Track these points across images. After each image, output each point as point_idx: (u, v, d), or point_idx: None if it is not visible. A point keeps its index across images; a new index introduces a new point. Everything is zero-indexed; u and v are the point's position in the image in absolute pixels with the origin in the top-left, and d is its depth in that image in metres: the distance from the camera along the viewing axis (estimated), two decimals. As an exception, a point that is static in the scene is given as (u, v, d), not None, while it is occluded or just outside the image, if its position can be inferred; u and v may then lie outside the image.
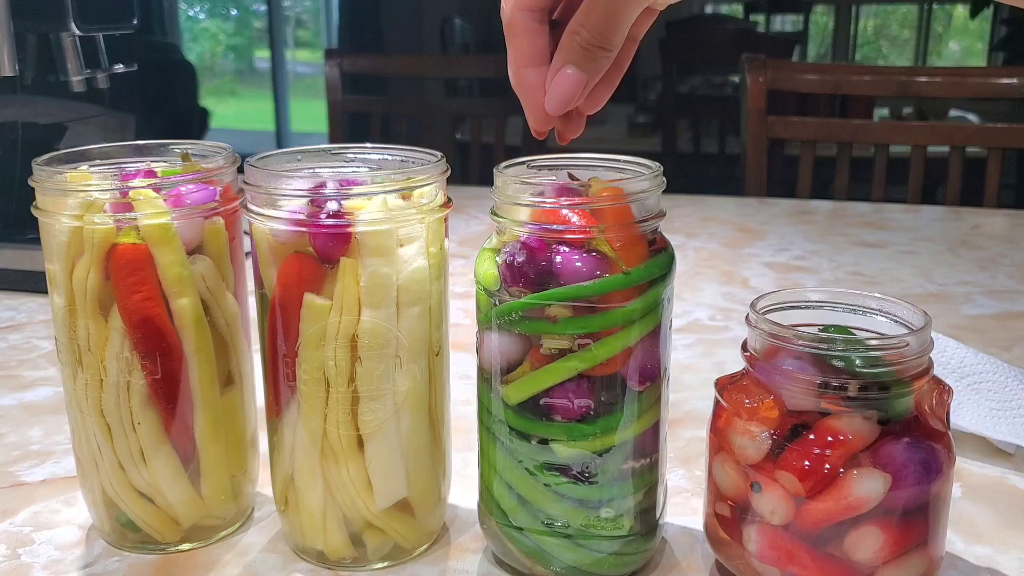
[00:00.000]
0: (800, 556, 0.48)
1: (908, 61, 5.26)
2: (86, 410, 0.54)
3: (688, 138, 3.27)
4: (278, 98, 5.29)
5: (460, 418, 0.67)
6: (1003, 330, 0.92)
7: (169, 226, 0.52)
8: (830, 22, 4.97)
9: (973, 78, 1.61)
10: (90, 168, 0.56)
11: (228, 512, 0.58)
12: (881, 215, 1.39)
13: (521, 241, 0.49)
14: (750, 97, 1.60)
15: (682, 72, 3.61)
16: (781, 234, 1.29)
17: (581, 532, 0.52)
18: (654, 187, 0.50)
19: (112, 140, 0.59)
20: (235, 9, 5.66)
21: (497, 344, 0.50)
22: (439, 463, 0.56)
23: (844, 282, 1.08)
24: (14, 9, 0.97)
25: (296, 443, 0.53)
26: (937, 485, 0.47)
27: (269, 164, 0.53)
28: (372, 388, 0.51)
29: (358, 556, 0.55)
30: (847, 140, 1.62)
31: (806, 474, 0.47)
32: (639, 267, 0.48)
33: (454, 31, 4.08)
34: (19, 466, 0.67)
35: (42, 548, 0.57)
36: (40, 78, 1.06)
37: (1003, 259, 1.17)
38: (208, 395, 0.55)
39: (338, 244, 0.49)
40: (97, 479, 0.56)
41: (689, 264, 1.15)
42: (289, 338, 0.51)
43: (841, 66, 3.20)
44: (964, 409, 0.69)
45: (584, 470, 0.50)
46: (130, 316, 0.52)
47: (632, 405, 0.50)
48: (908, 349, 0.47)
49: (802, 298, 0.53)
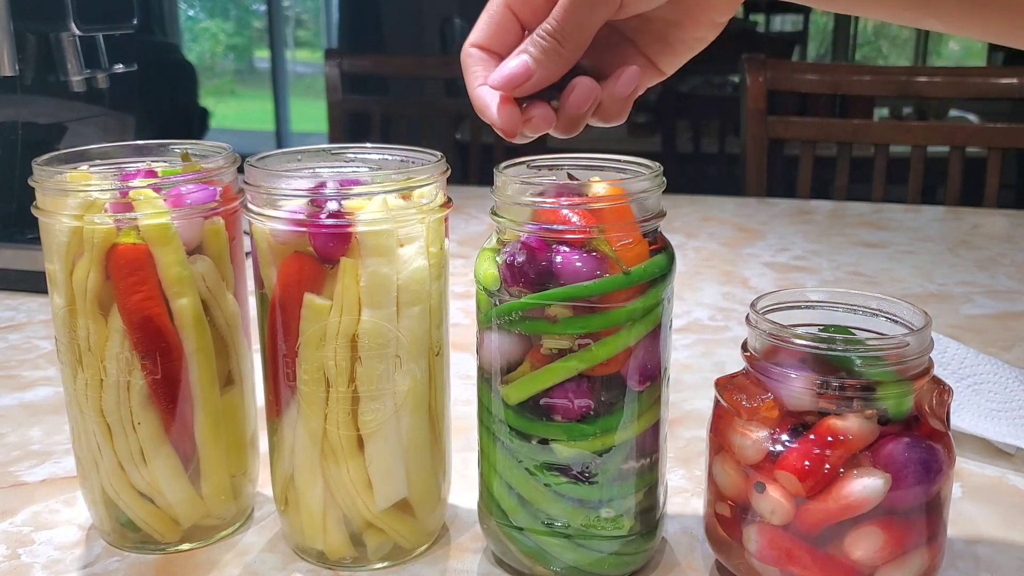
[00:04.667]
0: (800, 556, 0.48)
1: (908, 61, 5.26)
2: (86, 410, 0.54)
3: (688, 138, 3.26)
4: (278, 98, 5.29)
5: (460, 418, 0.67)
6: (1003, 330, 0.92)
7: (169, 226, 0.52)
8: (830, 22, 4.96)
9: (973, 78, 1.61)
10: (90, 168, 0.56)
11: (228, 512, 0.58)
12: (881, 215, 1.39)
13: (521, 241, 0.49)
14: (750, 97, 1.60)
15: (682, 72, 3.59)
16: (781, 234, 1.29)
17: (581, 532, 0.52)
18: (654, 187, 0.50)
19: (112, 140, 0.59)
20: (235, 9, 5.65)
21: (497, 344, 0.50)
22: (439, 463, 0.56)
23: (844, 282, 1.08)
24: (14, 9, 0.97)
25: (296, 443, 0.53)
26: (937, 485, 0.47)
27: (269, 164, 0.53)
28: (372, 388, 0.51)
29: (358, 556, 0.55)
30: (847, 140, 1.62)
31: (806, 474, 0.47)
32: (639, 267, 0.48)
33: (454, 31, 4.07)
34: (19, 466, 0.67)
35: (42, 548, 0.57)
36: (40, 78, 1.06)
37: (1003, 259, 1.16)
38: (208, 395, 0.55)
39: (338, 244, 0.49)
40: (97, 479, 0.56)
41: (689, 264, 1.15)
42: (289, 338, 0.51)
43: (841, 66, 3.20)
44: (964, 410, 0.69)
45: (584, 470, 0.50)
46: (130, 316, 0.52)
47: (632, 405, 0.50)
48: (908, 349, 0.47)
49: (802, 298, 0.53)
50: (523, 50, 0.49)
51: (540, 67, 0.48)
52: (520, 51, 0.49)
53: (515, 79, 0.48)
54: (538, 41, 0.48)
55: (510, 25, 0.50)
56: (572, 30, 0.48)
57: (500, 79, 0.49)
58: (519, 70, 0.48)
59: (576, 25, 0.48)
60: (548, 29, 0.48)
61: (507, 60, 0.49)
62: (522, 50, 0.49)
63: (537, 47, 0.48)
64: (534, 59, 0.48)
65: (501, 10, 0.50)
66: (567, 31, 0.48)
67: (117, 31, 1.09)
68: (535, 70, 0.48)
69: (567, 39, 0.48)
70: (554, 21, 0.48)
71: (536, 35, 0.48)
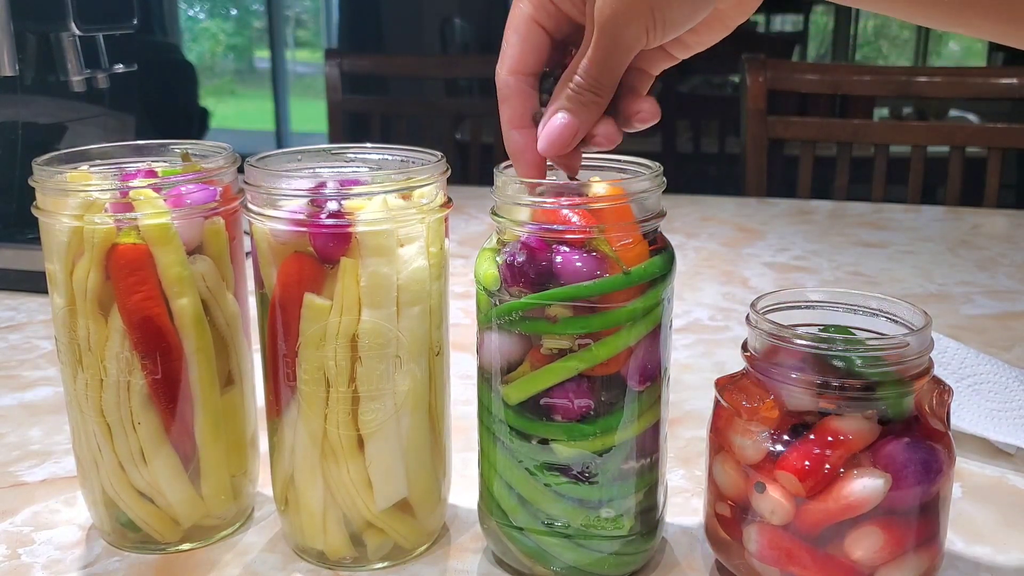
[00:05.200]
0: (800, 556, 0.48)
1: (908, 61, 5.26)
2: (86, 410, 0.54)
3: (688, 138, 3.27)
4: (278, 98, 5.29)
5: (460, 418, 0.67)
6: (1003, 330, 0.92)
7: (169, 226, 0.52)
8: (830, 22, 4.96)
9: (973, 78, 1.61)
10: (90, 168, 0.56)
11: (228, 512, 0.58)
12: (881, 215, 1.39)
13: (521, 241, 0.49)
14: (750, 97, 1.60)
15: (682, 72, 3.60)
16: (781, 234, 1.29)
17: (581, 532, 0.52)
18: (654, 187, 0.50)
19: (112, 140, 0.59)
20: (235, 9, 5.65)
21: (497, 344, 0.50)
22: (439, 463, 0.56)
23: (844, 282, 1.08)
24: (14, 9, 0.97)
25: (296, 443, 0.53)
26: (937, 485, 0.47)
27: (269, 164, 0.53)
28: (372, 388, 0.51)
29: (358, 556, 0.55)
30: (847, 140, 1.62)
31: (806, 474, 0.47)
32: (639, 267, 0.48)
33: (454, 31, 4.08)
34: (19, 466, 0.67)
35: (42, 548, 0.57)
36: (40, 78, 1.06)
37: (1003, 259, 1.16)
38: (208, 395, 0.55)
39: (338, 244, 0.49)
40: (97, 479, 0.56)
41: (689, 264, 1.15)
42: (289, 338, 0.51)
43: (841, 66, 3.20)
44: (964, 410, 0.69)
45: (584, 470, 0.50)
46: (130, 316, 0.52)
47: (632, 405, 0.50)
48: (908, 349, 0.47)
49: (802, 298, 0.53)
50: (561, 106, 0.48)
51: (583, 120, 0.48)
52: (558, 107, 0.48)
53: (562, 141, 0.48)
54: (574, 96, 0.48)
55: (541, 40, 0.49)
56: (606, 79, 0.47)
57: (548, 144, 0.48)
58: (565, 132, 0.48)
59: (610, 72, 0.47)
60: (583, 83, 0.47)
61: (548, 120, 0.48)
62: (560, 106, 0.48)
63: (575, 101, 0.48)
64: (574, 115, 0.48)
65: (530, 26, 0.49)
66: (603, 81, 0.47)
67: (117, 31, 1.09)
68: (578, 124, 0.48)
69: (603, 88, 0.48)
70: (589, 71, 0.47)
71: (573, 88, 0.48)
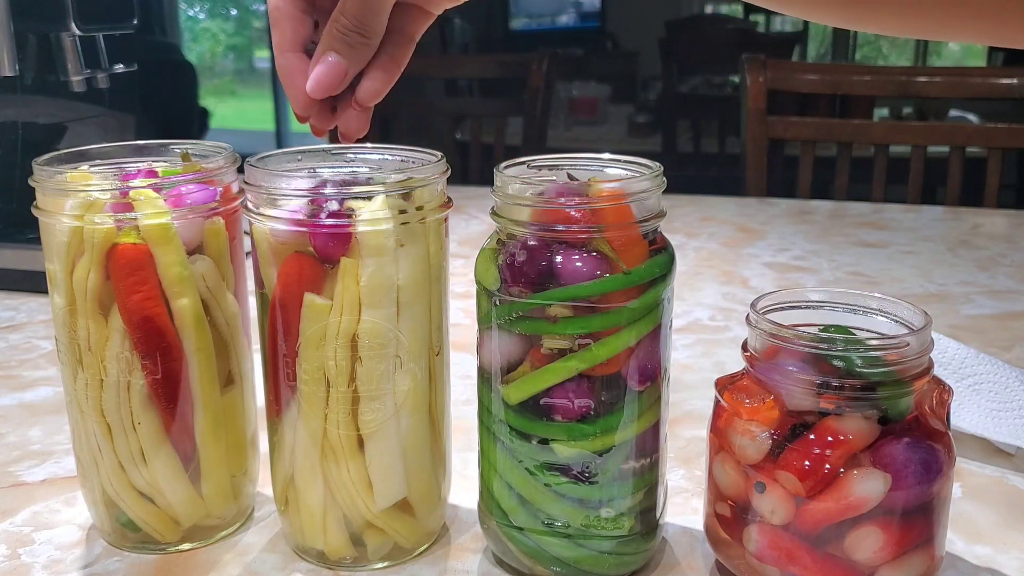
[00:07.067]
0: (800, 556, 0.48)
1: (908, 61, 5.26)
2: (86, 410, 0.54)
3: (688, 138, 3.27)
4: (278, 98, 5.29)
5: (460, 418, 0.67)
6: (1003, 330, 0.92)
7: (169, 226, 0.52)
8: (830, 22, 4.96)
9: (973, 78, 1.61)
10: (90, 168, 0.56)
11: (228, 512, 0.58)
12: (881, 215, 1.39)
13: (521, 241, 0.49)
14: (750, 97, 1.60)
15: (682, 72, 3.61)
16: (781, 234, 1.29)
17: (581, 532, 0.52)
18: (654, 187, 0.50)
19: (112, 140, 0.59)
20: (235, 9, 5.65)
21: (497, 344, 0.50)
22: (439, 463, 0.56)
23: (844, 282, 1.08)
24: (14, 9, 0.97)
25: (296, 443, 0.53)
26: (937, 485, 0.47)
27: (269, 164, 0.53)
28: (372, 388, 0.51)
29: (358, 556, 0.55)
30: (847, 140, 1.62)
31: (806, 474, 0.47)
32: (639, 267, 0.48)
33: (454, 31, 4.08)
34: (19, 466, 0.67)
35: (42, 548, 0.57)
36: (40, 78, 1.06)
37: (1003, 259, 1.16)
38: (208, 395, 0.55)
39: (338, 244, 0.49)
40: (97, 479, 0.56)
41: (689, 264, 1.15)
42: (289, 338, 0.51)
43: (841, 66, 3.21)
44: (964, 410, 0.69)
45: (584, 470, 0.50)
46: (130, 316, 0.52)
47: (632, 405, 0.50)
48: (908, 349, 0.47)
49: (802, 298, 0.53)
50: (329, 47, 0.49)
51: (352, 62, 0.49)
52: (326, 47, 0.49)
53: (331, 81, 0.49)
54: (341, 37, 0.48)
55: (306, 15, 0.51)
56: (370, 20, 0.48)
57: (317, 85, 0.49)
58: (333, 73, 0.49)
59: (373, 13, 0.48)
60: (348, 24, 0.48)
61: (317, 63, 0.49)
62: (328, 46, 0.49)
63: (342, 43, 0.48)
64: (343, 55, 0.49)
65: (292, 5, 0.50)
66: (367, 23, 0.48)
67: (117, 31, 1.09)
68: (347, 65, 0.49)
69: (369, 29, 0.48)
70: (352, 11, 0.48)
71: (339, 29, 0.48)
